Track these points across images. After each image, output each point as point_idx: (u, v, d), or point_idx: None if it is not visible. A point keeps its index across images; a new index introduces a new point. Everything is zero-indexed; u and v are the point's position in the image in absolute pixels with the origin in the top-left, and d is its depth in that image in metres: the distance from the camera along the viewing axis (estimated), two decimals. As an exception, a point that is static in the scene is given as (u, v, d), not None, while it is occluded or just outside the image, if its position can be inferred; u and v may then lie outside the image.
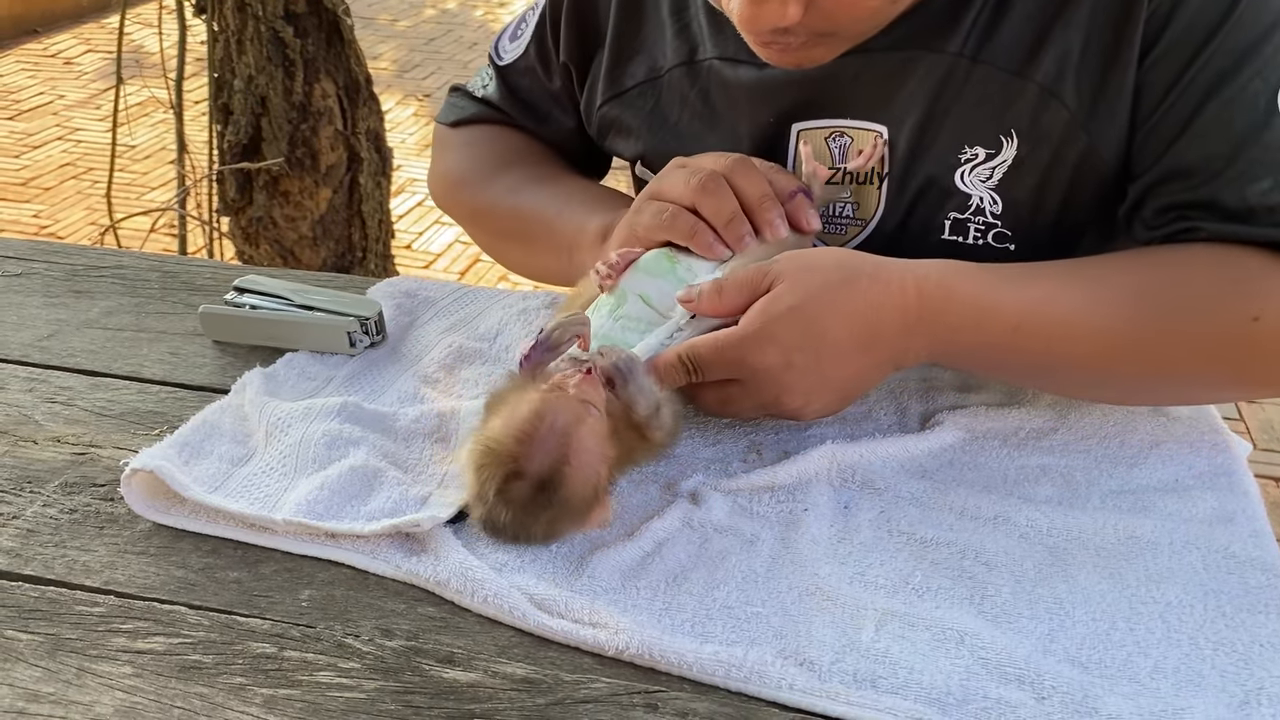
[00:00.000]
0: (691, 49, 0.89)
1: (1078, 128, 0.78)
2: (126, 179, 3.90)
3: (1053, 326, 0.73)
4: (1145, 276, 0.75)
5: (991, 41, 0.78)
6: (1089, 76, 0.77)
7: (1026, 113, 0.79)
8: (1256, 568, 0.65)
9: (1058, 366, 0.76)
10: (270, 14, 2.18)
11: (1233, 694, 0.57)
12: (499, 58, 1.05)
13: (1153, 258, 0.76)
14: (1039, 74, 0.78)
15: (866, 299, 0.72)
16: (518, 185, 1.00)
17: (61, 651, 0.61)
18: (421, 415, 0.79)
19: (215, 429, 0.77)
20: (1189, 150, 0.75)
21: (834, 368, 0.73)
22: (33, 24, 5.49)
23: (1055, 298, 0.73)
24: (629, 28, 0.93)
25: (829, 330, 0.71)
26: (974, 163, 0.81)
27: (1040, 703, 0.56)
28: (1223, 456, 0.75)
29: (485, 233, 1.08)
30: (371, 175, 2.42)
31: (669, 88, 0.92)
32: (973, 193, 0.82)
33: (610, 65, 0.95)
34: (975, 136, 0.81)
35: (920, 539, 0.68)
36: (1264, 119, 0.73)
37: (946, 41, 0.79)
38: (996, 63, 0.79)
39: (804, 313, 0.71)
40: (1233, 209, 0.74)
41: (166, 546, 0.68)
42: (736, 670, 0.58)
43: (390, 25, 5.72)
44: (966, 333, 0.73)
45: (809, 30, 0.72)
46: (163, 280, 1.00)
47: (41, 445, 0.78)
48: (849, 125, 0.84)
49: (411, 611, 0.63)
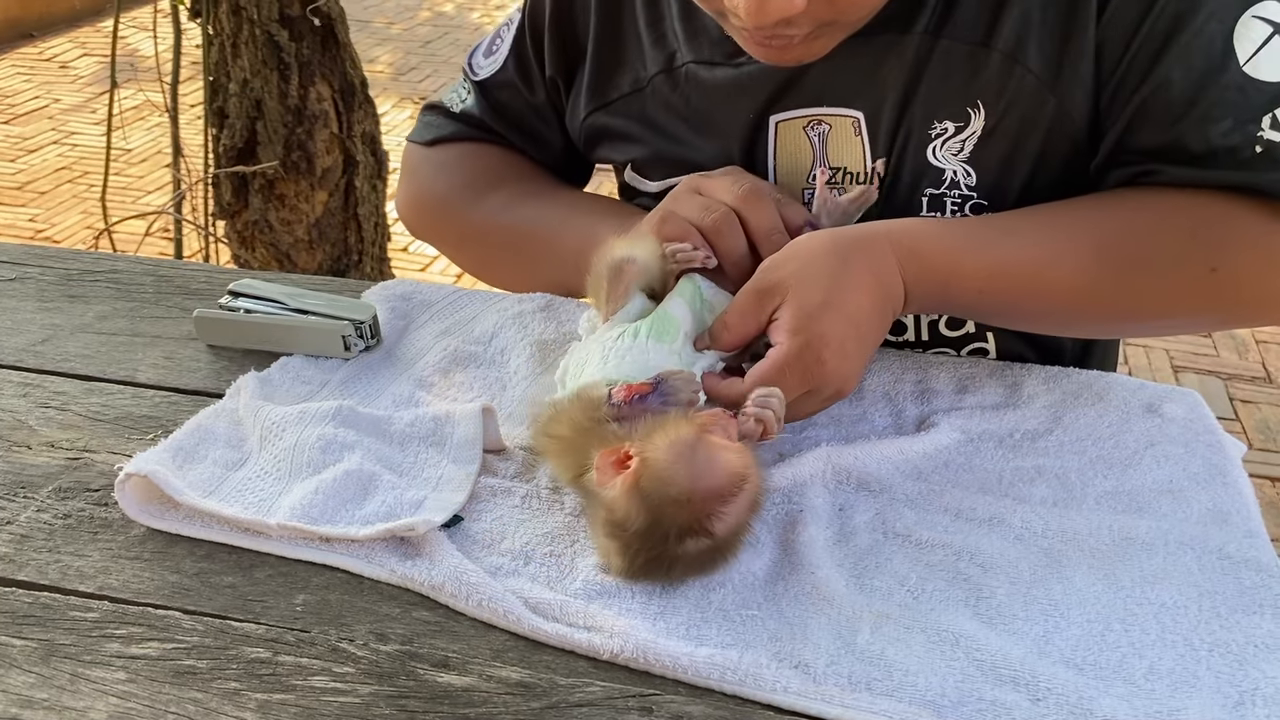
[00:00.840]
0: (669, 56, 0.91)
1: (1044, 90, 0.79)
2: (122, 183, 3.89)
3: (1016, 286, 0.78)
4: (1105, 229, 0.77)
5: (952, 16, 0.80)
6: (1050, 39, 0.78)
7: (992, 82, 0.80)
8: (1251, 568, 0.65)
9: (1024, 317, 0.83)
10: (265, 17, 2.18)
11: (1227, 695, 0.57)
12: (474, 73, 1.03)
13: (1113, 207, 0.79)
14: (1000, 42, 0.79)
15: (868, 266, 0.74)
16: (511, 202, 0.99)
17: (55, 657, 0.60)
18: (417, 419, 0.78)
19: (210, 433, 0.76)
20: (1152, 97, 0.77)
21: (873, 337, 0.75)
22: (28, 28, 5.48)
23: (1018, 258, 0.77)
24: (609, 41, 0.94)
25: (861, 307, 0.72)
26: (944, 137, 0.83)
27: (1035, 704, 0.56)
28: (1218, 457, 0.75)
29: (476, 254, 1.06)
30: (367, 178, 2.42)
31: (653, 96, 0.93)
32: (946, 167, 0.84)
33: (593, 78, 0.95)
34: (944, 111, 0.82)
35: (916, 541, 0.68)
36: (1221, 60, 0.75)
37: (912, 23, 0.81)
38: (958, 36, 0.80)
39: (835, 303, 0.71)
40: (1196, 152, 0.76)
41: (160, 551, 0.68)
42: (731, 673, 0.58)
43: (386, 28, 5.72)
44: (933, 298, 0.78)
45: (812, 20, 0.72)
46: (157, 284, 1.00)
47: (35, 450, 0.78)
48: (825, 113, 0.86)
49: (406, 616, 0.63)
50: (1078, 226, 0.78)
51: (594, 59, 0.95)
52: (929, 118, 0.83)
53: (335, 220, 2.42)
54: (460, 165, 1.04)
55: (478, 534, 0.69)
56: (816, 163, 0.88)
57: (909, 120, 0.83)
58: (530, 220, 0.97)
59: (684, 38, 0.89)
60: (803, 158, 0.88)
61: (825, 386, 0.72)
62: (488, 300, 0.95)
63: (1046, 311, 0.80)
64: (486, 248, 1.04)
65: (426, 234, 1.09)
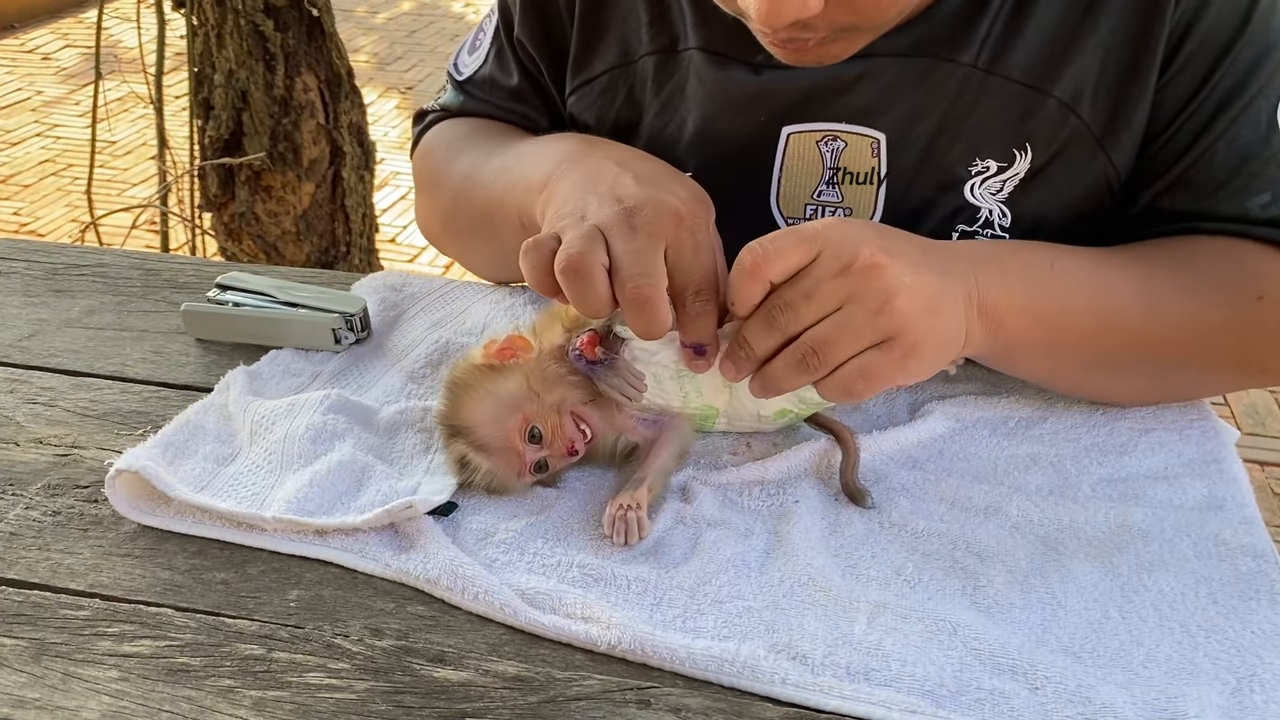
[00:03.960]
0: (672, 38, 0.85)
1: (1095, 143, 0.78)
2: (107, 175, 3.87)
3: (1075, 357, 0.75)
4: (1148, 262, 0.76)
5: (1007, 54, 0.77)
6: (1108, 94, 0.77)
7: (1044, 127, 0.78)
8: (1247, 554, 0.65)
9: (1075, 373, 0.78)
10: (250, 7, 2.16)
11: (1225, 681, 0.57)
12: (458, 73, 1.00)
13: (1158, 248, 0.78)
14: (1057, 89, 0.77)
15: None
16: (473, 165, 0.92)
17: (46, 656, 0.60)
18: (406, 408, 0.78)
19: (199, 428, 0.76)
20: (1196, 164, 0.77)
21: (923, 255, 0.66)
22: (9, 20, 5.43)
23: (1076, 327, 0.73)
24: (595, 9, 0.88)
25: (899, 235, 0.67)
26: (985, 175, 0.80)
27: (1034, 693, 0.56)
28: (1212, 443, 0.75)
29: (461, 240, 0.99)
30: (354, 169, 2.41)
31: (639, 75, 0.88)
32: (982, 205, 0.81)
33: (578, 50, 0.90)
34: (988, 149, 0.79)
35: (912, 530, 0.68)
36: (1265, 135, 0.76)
37: (959, 51, 0.77)
38: (1011, 75, 0.77)
39: (869, 224, 0.66)
40: (1232, 218, 0.77)
41: (152, 548, 0.68)
42: (729, 665, 0.58)
43: (370, 18, 5.69)
44: (985, 356, 0.75)
45: (830, 24, 0.67)
46: (145, 278, 0.99)
47: (24, 447, 0.77)
48: (843, 129, 0.82)
49: (401, 610, 0.63)
50: (1130, 265, 0.76)
51: (580, 30, 0.89)
52: (970, 153, 0.80)
53: (323, 212, 2.41)
54: (432, 146, 1.00)
55: (472, 527, 0.68)
56: (824, 179, 0.84)
57: (942, 152, 0.80)
58: (484, 186, 0.89)
59: (693, 21, 0.83)
60: (811, 172, 0.84)
61: (868, 292, 0.62)
62: (479, 292, 0.94)
63: (1111, 349, 0.75)
64: (464, 230, 0.97)
65: (438, 241, 1.04)
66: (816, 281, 0.62)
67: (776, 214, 0.85)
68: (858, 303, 0.62)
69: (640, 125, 0.89)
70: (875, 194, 0.83)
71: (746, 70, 0.82)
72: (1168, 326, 0.74)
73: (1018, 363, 0.77)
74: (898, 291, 0.62)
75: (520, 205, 0.80)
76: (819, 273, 0.63)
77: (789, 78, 0.81)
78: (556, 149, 0.79)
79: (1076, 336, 0.74)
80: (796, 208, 0.85)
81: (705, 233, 0.67)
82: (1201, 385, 0.78)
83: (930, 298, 0.64)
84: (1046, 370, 0.78)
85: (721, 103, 0.84)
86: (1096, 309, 0.74)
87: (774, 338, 0.64)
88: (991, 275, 0.70)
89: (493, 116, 0.98)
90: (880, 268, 0.62)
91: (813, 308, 0.62)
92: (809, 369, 0.63)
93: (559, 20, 0.91)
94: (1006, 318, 0.70)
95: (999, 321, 0.70)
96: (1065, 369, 0.77)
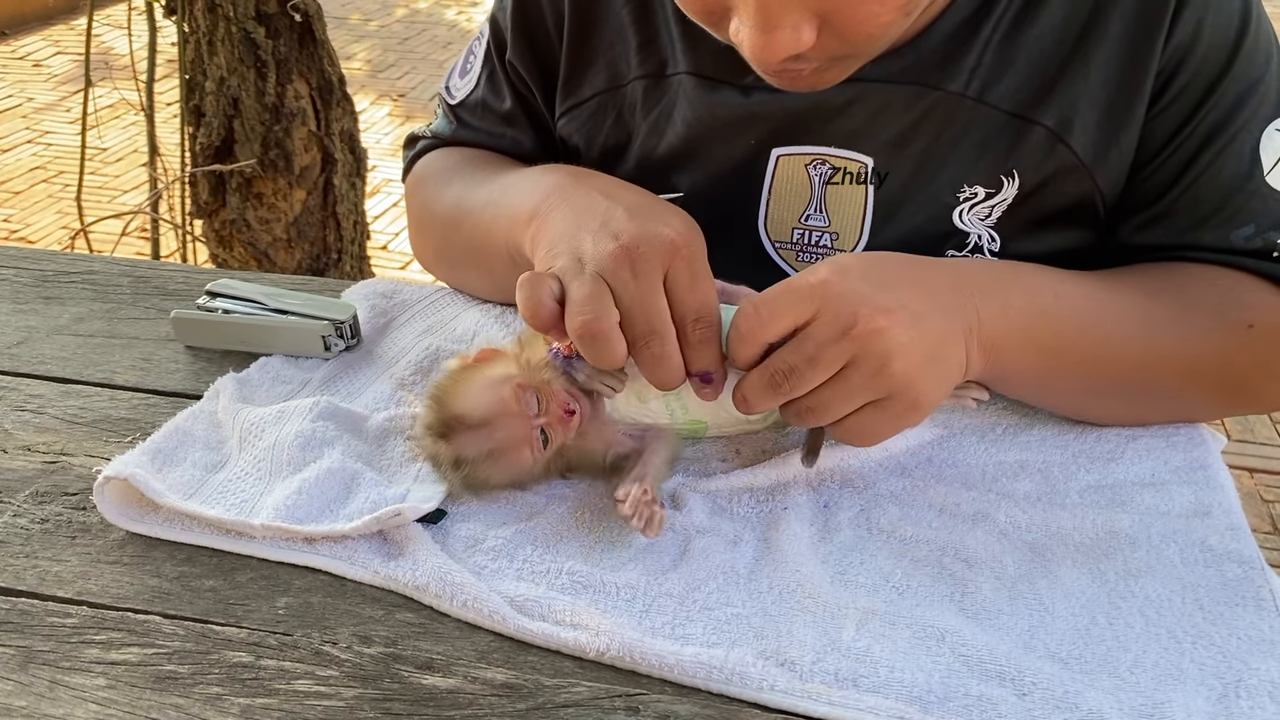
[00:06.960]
0: (661, 63, 0.85)
1: (1083, 172, 0.78)
2: (98, 182, 3.86)
3: (1072, 378, 0.75)
4: (1144, 292, 0.77)
5: (997, 83, 0.77)
6: (1098, 125, 0.77)
7: (1032, 155, 0.78)
8: (1233, 560, 0.65)
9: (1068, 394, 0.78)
10: (242, 14, 2.17)
11: (1212, 687, 0.57)
12: (451, 96, 0.99)
13: (1154, 275, 0.79)
14: (1046, 117, 0.77)
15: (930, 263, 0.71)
16: (461, 195, 0.92)
17: (34, 664, 0.60)
18: (396, 415, 0.78)
19: (188, 436, 0.76)
20: (1182, 196, 0.78)
21: (923, 299, 0.66)
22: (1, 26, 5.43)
23: (1077, 351, 0.74)
24: (583, 34, 0.88)
25: (897, 277, 0.67)
26: (973, 201, 0.80)
27: (1021, 699, 0.56)
28: (1199, 450, 0.75)
29: (453, 269, 0.97)
30: (346, 176, 2.41)
31: (628, 99, 0.87)
32: (971, 231, 0.82)
33: (568, 75, 0.90)
34: (976, 176, 0.80)
35: (900, 537, 0.68)
36: (1248, 169, 0.77)
37: (947, 79, 0.78)
38: (1001, 105, 0.78)
39: (864, 272, 0.66)
40: (1218, 249, 0.78)
41: (140, 555, 0.67)
42: (718, 672, 0.58)
43: (363, 25, 5.69)
44: (981, 377, 0.74)
45: (823, 54, 0.68)
46: (134, 285, 0.99)
47: (11, 454, 0.77)
48: (832, 154, 0.82)
49: (390, 618, 0.63)
50: (1122, 291, 0.77)
51: (568, 54, 0.89)
52: (958, 180, 0.80)
53: (314, 219, 2.40)
54: (426, 174, 0.99)
55: (461, 534, 0.68)
56: (813, 203, 0.84)
57: (930, 178, 0.81)
58: (472, 216, 0.89)
59: (682, 45, 0.84)
60: (800, 195, 0.84)
61: (868, 353, 0.63)
62: (470, 300, 0.94)
63: (1106, 374, 0.76)
64: (455, 258, 0.96)
65: (432, 266, 1.02)
66: (819, 346, 0.63)
67: (764, 237, 0.85)
68: (856, 367, 0.63)
69: (629, 148, 0.89)
70: (862, 219, 0.83)
71: (736, 92, 0.82)
72: (1163, 356, 0.75)
73: (1011, 386, 0.78)
74: (895, 355, 0.63)
75: (507, 237, 0.80)
76: (820, 336, 0.63)
77: (778, 101, 0.81)
78: (543, 181, 0.80)
79: (1073, 365, 0.75)
80: (784, 231, 0.85)
81: (701, 261, 0.68)
82: (1194, 411, 0.78)
83: (931, 346, 0.65)
84: (1039, 394, 0.79)
85: (711, 125, 0.84)
86: (1095, 339, 0.74)
87: (775, 400, 0.65)
88: (994, 308, 0.70)
89: (485, 145, 0.97)
90: (879, 332, 0.63)
91: (815, 374, 0.64)
92: (806, 423, 0.67)
93: (548, 44, 0.90)
94: (1005, 348, 0.71)
95: (997, 351, 0.71)
96: (1058, 394, 0.78)
